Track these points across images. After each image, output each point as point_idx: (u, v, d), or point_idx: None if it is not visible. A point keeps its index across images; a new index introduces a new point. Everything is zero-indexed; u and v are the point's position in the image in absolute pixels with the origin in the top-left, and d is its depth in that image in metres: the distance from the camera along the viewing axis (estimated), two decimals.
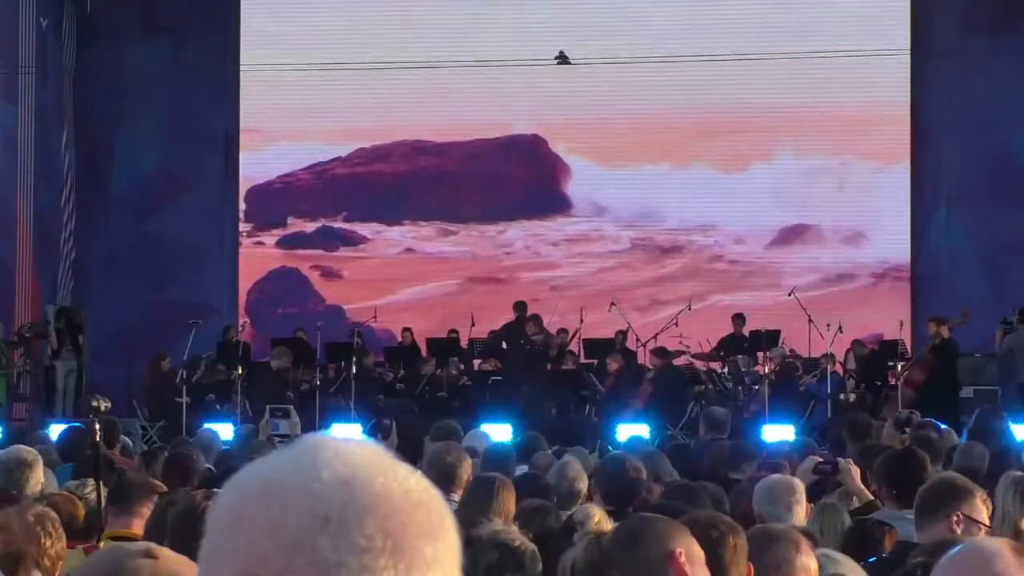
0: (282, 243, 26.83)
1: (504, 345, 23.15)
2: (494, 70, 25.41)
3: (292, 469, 1.59)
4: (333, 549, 1.54)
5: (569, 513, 6.87)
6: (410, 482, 1.61)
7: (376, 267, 26.41)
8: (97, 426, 7.73)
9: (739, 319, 23.04)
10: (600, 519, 5.03)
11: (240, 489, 1.60)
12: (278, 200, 26.78)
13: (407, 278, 26.15)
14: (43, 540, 5.53)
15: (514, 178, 26.24)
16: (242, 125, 26.47)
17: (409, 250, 26.45)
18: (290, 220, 26.83)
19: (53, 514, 6.15)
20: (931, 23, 24.61)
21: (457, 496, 7.91)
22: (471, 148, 26.13)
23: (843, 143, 24.89)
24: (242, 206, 26.71)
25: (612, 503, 7.43)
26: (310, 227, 26.77)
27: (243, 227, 26.78)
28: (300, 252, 26.73)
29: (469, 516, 6.46)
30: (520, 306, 23.47)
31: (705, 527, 4.50)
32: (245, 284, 26.61)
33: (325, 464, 1.58)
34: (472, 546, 5.66)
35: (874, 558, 6.26)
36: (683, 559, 4.11)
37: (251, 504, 1.57)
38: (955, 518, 6.20)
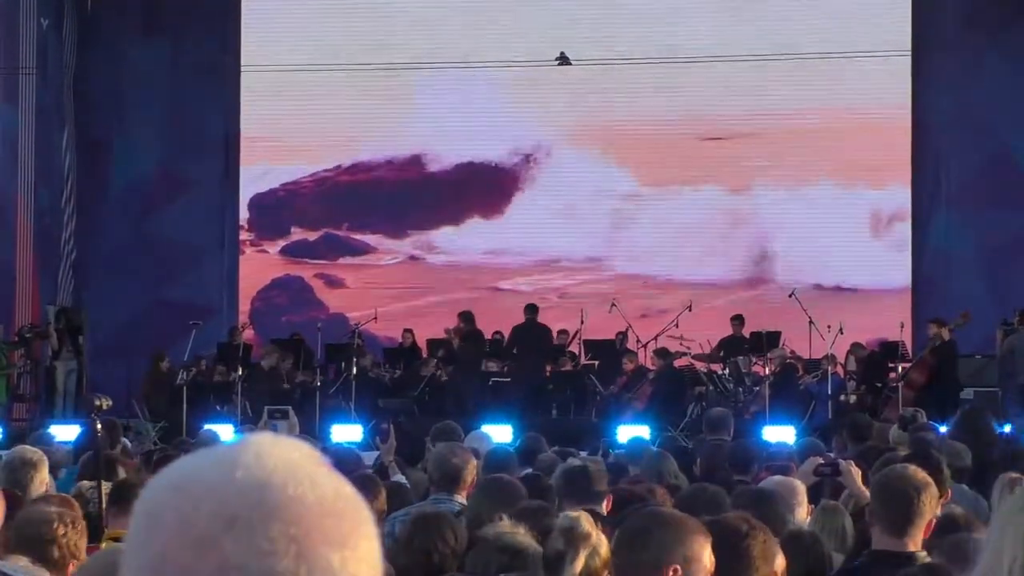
0: (285, 252, 26.77)
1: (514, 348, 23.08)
2: (496, 74, 25.38)
3: (210, 467, 1.61)
4: (236, 551, 1.56)
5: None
6: (326, 488, 1.60)
7: (379, 275, 26.34)
8: (99, 425, 7.71)
9: (738, 320, 23.00)
10: (588, 524, 5.01)
11: (161, 483, 1.63)
12: (281, 209, 26.73)
13: (410, 286, 26.08)
14: (56, 527, 5.56)
15: (516, 183, 26.18)
16: (245, 132, 26.41)
17: (413, 258, 26.40)
18: (293, 229, 26.79)
19: (77, 510, 6.20)
20: (931, 23, 24.59)
21: (461, 497, 7.89)
22: (474, 154, 26.07)
23: (842, 143, 24.85)
24: (244, 215, 26.67)
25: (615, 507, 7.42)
26: (313, 236, 26.72)
27: (246, 235, 26.73)
28: (303, 261, 26.68)
29: (477, 518, 6.45)
30: (531, 308, 23.31)
31: (733, 528, 4.49)
32: (248, 292, 26.54)
33: (242, 465, 1.59)
34: (478, 547, 5.65)
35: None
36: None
37: (167, 498, 1.60)
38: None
